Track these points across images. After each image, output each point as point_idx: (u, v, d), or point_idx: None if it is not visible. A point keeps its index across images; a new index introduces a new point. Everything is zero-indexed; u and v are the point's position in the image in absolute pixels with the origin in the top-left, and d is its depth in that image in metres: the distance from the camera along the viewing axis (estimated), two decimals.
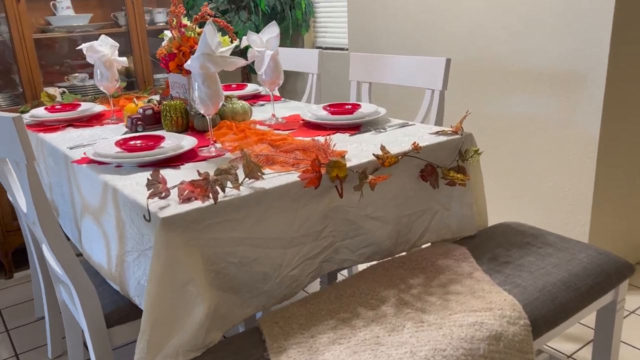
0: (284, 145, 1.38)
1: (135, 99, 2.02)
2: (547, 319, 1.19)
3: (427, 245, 1.47)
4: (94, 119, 1.90)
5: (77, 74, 2.74)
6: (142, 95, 2.28)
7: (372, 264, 1.37)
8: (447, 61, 1.78)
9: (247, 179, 1.16)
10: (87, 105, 1.98)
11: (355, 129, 1.59)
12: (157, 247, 1.02)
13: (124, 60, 1.87)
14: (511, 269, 1.33)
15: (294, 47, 3.68)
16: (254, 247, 1.14)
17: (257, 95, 2.23)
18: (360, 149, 1.37)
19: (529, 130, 2.22)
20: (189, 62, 1.32)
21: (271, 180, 1.17)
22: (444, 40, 2.47)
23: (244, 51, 3.14)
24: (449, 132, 1.47)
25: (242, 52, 3.18)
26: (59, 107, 1.94)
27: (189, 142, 1.42)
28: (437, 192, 1.44)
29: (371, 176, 1.24)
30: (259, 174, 1.16)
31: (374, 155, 1.29)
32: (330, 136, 1.49)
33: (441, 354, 1.02)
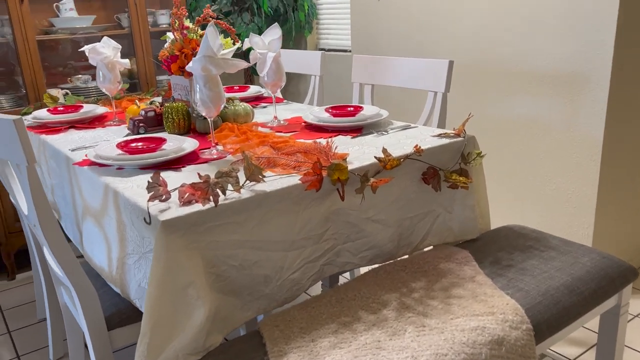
0: (286, 147, 1.38)
1: (137, 100, 2.02)
2: (549, 323, 1.18)
3: (429, 248, 1.47)
4: (96, 121, 1.90)
5: (80, 76, 2.74)
6: (145, 97, 2.28)
7: (373, 267, 1.36)
8: (450, 63, 1.77)
9: (248, 182, 1.16)
10: (89, 107, 1.98)
11: (357, 131, 1.58)
12: (157, 249, 1.02)
13: (126, 62, 1.87)
14: (514, 273, 1.32)
15: (297, 48, 3.68)
16: (255, 250, 1.14)
17: (260, 97, 2.23)
18: (362, 152, 1.37)
19: (532, 132, 2.21)
20: (190, 64, 1.32)
21: (272, 182, 1.17)
22: (446, 42, 2.47)
23: (247, 53, 3.14)
24: (451, 135, 1.46)
25: (244, 54, 3.18)
26: (62, 108, 1.95)
27: (190, 145, 1.42)
28: (440, 195, 1.43)
29: (373, 179, 1.23)
30: (260, 176, 1.16)
31: (375, 157, 1.29)
32: (332, 138, 1.49)
33: (443, 358, 1.02)
